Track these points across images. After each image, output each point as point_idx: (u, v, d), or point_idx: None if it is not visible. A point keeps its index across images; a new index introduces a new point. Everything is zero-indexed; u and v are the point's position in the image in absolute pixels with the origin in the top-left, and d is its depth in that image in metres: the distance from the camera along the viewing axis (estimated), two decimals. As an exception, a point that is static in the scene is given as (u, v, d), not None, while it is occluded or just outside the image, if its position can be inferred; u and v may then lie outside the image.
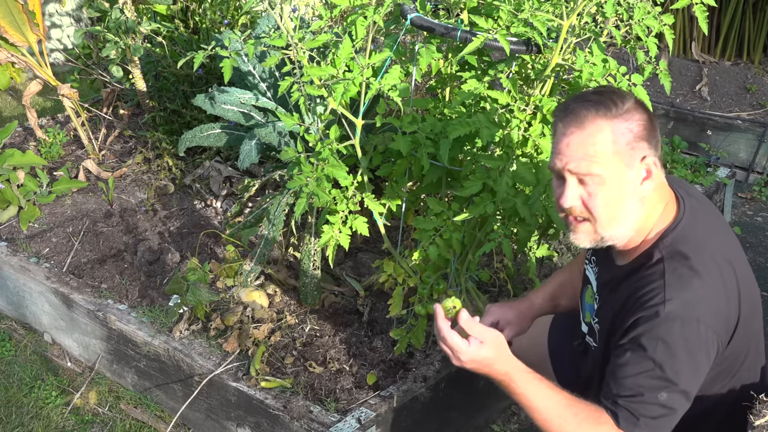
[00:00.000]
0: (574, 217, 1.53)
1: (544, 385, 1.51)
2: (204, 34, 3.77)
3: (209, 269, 2.71)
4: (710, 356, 1.47)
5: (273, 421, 2.23)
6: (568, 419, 1.47)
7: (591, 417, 1.48)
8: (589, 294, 1.74)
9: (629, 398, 1.46)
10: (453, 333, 1.46)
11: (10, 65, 3.65)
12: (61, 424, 2.61)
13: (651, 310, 1.44)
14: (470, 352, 1.47)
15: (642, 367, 1.44)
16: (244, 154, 2.90)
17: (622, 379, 1.47)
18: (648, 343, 1.44)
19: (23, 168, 3.40)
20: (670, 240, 1.52)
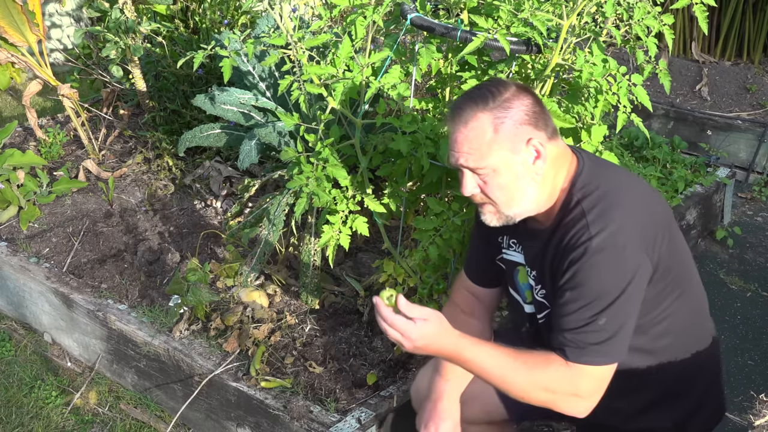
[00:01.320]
0: (479, 203, 1.64)
1: (491, 347, 1.55)
2: (204, 34, 3.77)
3: (209, 269, 2.71)
4: (644, 276, 1.53)
5: (273, 421, 2.23)
6: (520, 370, 1.52)
7: (541, 361, 1.53)
8: (522, 275, 1.76)
9: (572, 331, 1.52)
10: (398, 317, 1.48)
11: (10, 65, 3.65)
12: (61, 424, 2.61)
13: (580, 249, 1.51)
14: (418, 330, 1.48)
15: (581, 301, 1.51)
16: (244, 154, 2.90)
17: (565, 317, 1.53)
18: (582, 277, 1.50)
19: (23, 168, 3.40)
20: (581, 183, 1.60)
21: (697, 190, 3.66)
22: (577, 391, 1.53)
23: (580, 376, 1.52)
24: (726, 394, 1.89)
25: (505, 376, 1.52)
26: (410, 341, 1.49)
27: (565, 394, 1.53)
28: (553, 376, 1.52)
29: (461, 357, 1.53)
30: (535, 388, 1.53)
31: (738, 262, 3.58)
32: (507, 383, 1.53)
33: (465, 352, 1.52)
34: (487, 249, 1.85)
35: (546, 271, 1.64)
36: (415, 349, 1.51)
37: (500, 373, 1.53)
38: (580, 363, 1.52)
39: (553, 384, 1.52)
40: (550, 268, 1.61)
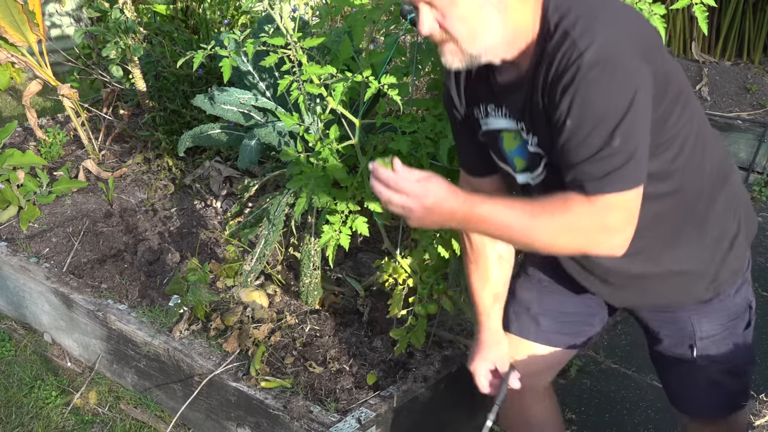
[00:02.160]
0: (440, 41, 1.46)
1: (505, 200, 1.43)
2: (204, 34, 3.77)
3: (209, 269, 2.71)
4: (647, 84, 1.37)
5: (273, 421, 2.23)
6: (541, 217, 1.38)
7: (560, 203, 1.39)
8: (507, 140, 1.60)
9: (586, 162, 1.36)
10: (402, 177, 1.33)
11: (10, 65, 3.65)
12: (61, 424, 2.61)
13: (572, 69, 1.34)
14: (426, 188, 1.34)
15: (586, 126, 1.35)
16: (244, 154, 2.90)
17: (573, 151, 1.38)
18: (581, 100, 1.34)
19: (23, 168, 3.40)
20: (553, 6, 1.42)
21: (697, 190, 3.66)
22: (606, 224, 1.37)
23: (606, 208, 1.36)
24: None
25: (526, 227, 1.38)
26: (419, 201, 1.34)
27: (595, 232, 1.38)
28: (577, 214, 1.37)
29: (475, 215, 1.38)
30: (561, 232, 1.38)
31: (738, 262, 3.58)
32: (530, 235, 1.39)
33: (479, 209, 1.38)
34: (468, 132, 1.69)
35: (537, 115, 1.46)
36: (424, 211, 1.36)
37: (521, 225, 1.38)
38: (602, 194, 1.35)
39: (579, 223, 1.37)
40: (543, 108, 1.43)
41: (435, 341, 2.50)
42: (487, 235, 1.44)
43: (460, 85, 1.66)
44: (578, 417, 2.60)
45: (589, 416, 2.61)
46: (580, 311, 1.85)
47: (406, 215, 1.38)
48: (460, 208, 1.37)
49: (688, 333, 1.72)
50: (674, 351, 1.76)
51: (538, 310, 1.85)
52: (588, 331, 1.88)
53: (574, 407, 2.64)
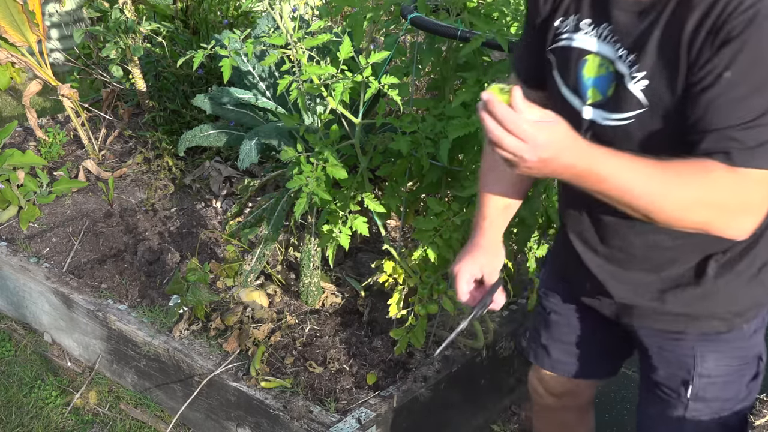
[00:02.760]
0: None
1: (631, 157, 1.19)
2: (204, 34, 3.77)
3: (209, 269, 2.72)
4: None
5: (273, 421, 2.23)
6: (672, 184, 1.17)
7: (698, 170, 1.17)
8: (592, 66, 1.36)
9: (740, 127, 1.16)
10: (521, 117, 1.11)
11: (10, 65, 3.65)
12: (61, 424, 2.61)
13: (745, 16, 1.14)
14: (545, 135, 1.12)
15: (748, 86, 1.15)
16: (244, 154, 2.90)
17: (723, 110, 1.17)
18: (750, 56, 1.14)
19: (23, 168, 3.40)
20: None
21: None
22: (747, 202, 1.19)
23: (751, 183, 1.17)
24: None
25: (654, 194, 1.17)
26: (536, 151, 1.12)
27: (732, 210, 1.19)
28: (717, 186, 1.17)
29: (594, 173, 1.17)
30: (694, 205, 1.18)
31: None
32: (656, 203, 1.18)
33: (601, 166, 1.16)
34: (536, 39, 1.47)
35: (664, 53, 1.24)
36: (538, 162, 1.14)
37: (648, 191, 1.17)
38: (750, 167, 1.16)
39: (718, 197, 1.17)
40: (683, 49, 1.20)
41: (435, 341, 2.50)
42: (601, 195, 1.20)
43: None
44: (578, 417, 2.60)
45: (589, 416, 2.61)
46: (590, 340, 1.75)
47: (514, 163, 1.16)
48: (580, 163, 1.16)
49: (687, 365, 1.51)
50: (666, 385, 1.56)
51: (546, 341, 1.79)
52: (601, 359, 1.79)
53: (574, 407, 2.64)
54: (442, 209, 2.22)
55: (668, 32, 1.22)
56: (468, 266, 1.57)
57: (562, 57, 1.42)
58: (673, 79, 1.23)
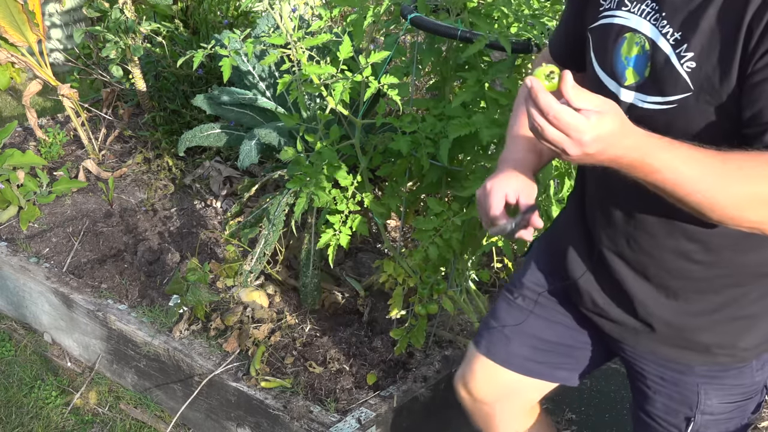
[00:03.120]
0: None
1: (687, 147, 1.08)
2: (204, 34, 3.77)
3: (209, 269, 2.72)
4: None
5: (273, 421, 2.23)
6: (733, 178, 1.06)
7: (760, 162, 1.07)
8: (631, 44, 1.26)
9: None
10: (566, 108, 1.03)
11: (10, 65, 3.65)
12: (61, 424, 2.61)
13: None
14: (594, 127, 1.02)
15: None
16: (244, 154, 2.90)
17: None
18: None
19: (23, 168, 3.40)
20: None
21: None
22: None
23: None
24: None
25: (712, 189, 1.06)
26: (579, 144, 1.05)
27: None
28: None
29: (648, 164, 1.07)
30: (755, 202, 1.07)
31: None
32: (715, 199, 1.07)
33: (655, 157, 1.06)
34: (582, 13, 1.38)
35: (717, 31, 1.13)
36: (583, 156, 1.07)
37: (706, 186, 1.06)
38: None
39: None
40: (746, 33, 1.09)
41: (435, 341, 2.50)
42: (651, 186, 1.10)
43: None
44: (578, 417, 2.60)
45: (589, 416, 2.61)
46: (564, 343, 1.60)
47: (556, 153, 1.09)
48: (631, 154, 1.07)
49: (690, 401, 1.41)
50: (665, 419, 1.46)
51: (512, 331, 1.62)
52: (569, 366, 1.63)
53: (574, 407, 2.64)
54: (442, 209, 2.22)
55: (727, 12, 1.11)
56: (502, 183, 1.38)
57: (600, 35, 1.32)
58: (727, 65, 1.12)
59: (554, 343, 1.61)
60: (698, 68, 1.15)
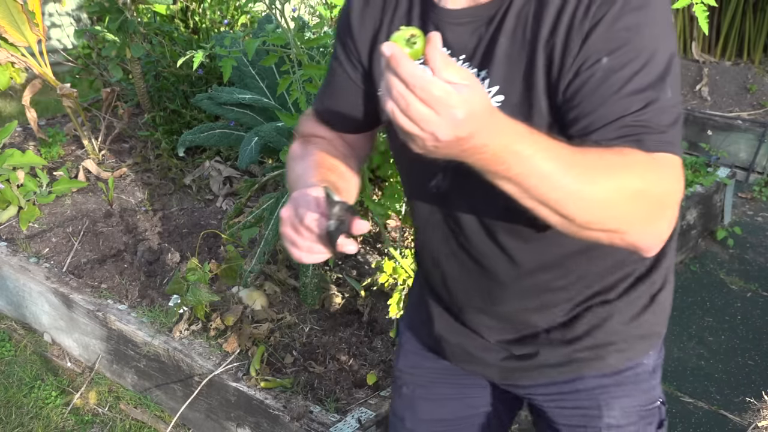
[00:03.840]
0: None
1: (550, 139, 0.94)
2: (204, 33, 3.77)
3: (209, 269, 2.71)
4: None
5: (273, 421, 2.23)
6: (597, 170, 0.94)
7: (616, 153, 0.97)
8: None
9: (639, 112, 0.99)
10: (436, 79, 0.83)
11: (10, 65, 3.65)
12: (61, 424, 2.61)
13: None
14: (466, 101, 0.83)
15: (633, 65, 0.99)
16: (244, 154, 2.90)
17: (616, 97, 0.99)
18: (627, 32, 1.00)
19: (23, 168, 3.40)
20: None
21: (698, 190, 3.66)
22: (669, 192, 0.99)
23: (669, 170, 0.99)
24: (726, 394, 1.70)
25: (579, 182, 0.92)
26: (452, 124, 0.84)
27: (656, 202, 0.98)
28: (640, 170, 0.96)
29: (512, 154, 0.89)
30: (622, 197, 0.95)
31: (738, 262, 3.58)
32: (582, 196, 0.93)
33: (519, 146, 0.89)
34: (356, 78, 1.25)
35: (515, 59, 1.07)
36: (452, 141, 0.86)
37: (571, 180, 0.92)
38: (664, 152, 0.99)
39: (642, 183, 0.96)
40: (547, 49, 1.04)
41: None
42: (508, 185, 0.93)
43: (369, 7, 1.22)
44: None
45: None
46: (463, 415, 1.48)
47: (419, 139, 0.87)
48: (497, 141, 0.88)
49: (593, 416, 1.32)
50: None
51: (413, 423, 1.49)
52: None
53: None
54: (442, 209, 2.22)
55: (518, 36, 1.07)
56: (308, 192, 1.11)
57: None
58: (534, 87, 1.05)
59: (453, 420, 1.48)
60: (508, 101, 1.08)
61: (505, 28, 1.08)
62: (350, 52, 1.26)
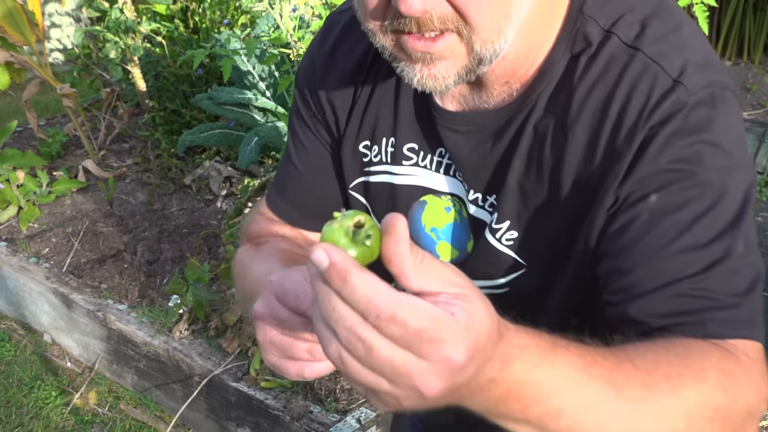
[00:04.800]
0: (426, 37, 0.71)
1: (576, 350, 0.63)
2: (204, 33, 3.77)
3: (209, 269, 2.71)
4: None
5: (273, 421, 2.23)
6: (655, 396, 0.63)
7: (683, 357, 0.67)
8: (434, 211, 0.89)
9: (701, 277, 0.71)
10: (413, 299, 0.52)
11: (10, 65, 3.65)
12: (60, 424, 2.61)
13: (660, 111, 0.72)
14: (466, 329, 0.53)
15: (694, 206, 0.71)
16: (244, 154, 2.90)
17: (666, 252, 0.71)
18: (685, 155, 0.72)
19: (23, 168, 3.40)
20: (590, 6, 0.78)
21: (698, 190, 3.66)
22: (751, 406, 0.69)
23: (748, 369, 0.69)
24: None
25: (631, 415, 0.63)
26: (443, 365, 0.52)
27: (736, 423, 0.68)
28: (714, 384, 0.66)
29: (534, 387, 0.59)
30: (692, 427, 0.65)
31: (738, 262, 3.58)
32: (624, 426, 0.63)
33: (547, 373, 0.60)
34: (324, 167, 0.98)
35: (537, 191, 0.81)
36: (446, 390, 0.54)
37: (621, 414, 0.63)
38: (737, 338, 0.71)
39: (720, 401, 0.66)
40: (573, 176, 0.78)
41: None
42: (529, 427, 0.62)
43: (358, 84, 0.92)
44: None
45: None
46: None
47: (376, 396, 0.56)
48: (507, 375, 0.58)
49: None
50: None
51: None
52: None
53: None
54: (442, 209, 2.22)
55: (535, 157, 0.81)
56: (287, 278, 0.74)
57: (380, 200, 0.93)
58: (556, 227, 0.81)
59: None
60: (523, 238, 0.84)
61: (520, 147, 0.81)
62: (315, 131, 0.98)
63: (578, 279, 0.81)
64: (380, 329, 0.51)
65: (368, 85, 0.91)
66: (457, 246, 0.90)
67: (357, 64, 0.91)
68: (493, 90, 0.82)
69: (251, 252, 0.98)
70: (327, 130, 0.97)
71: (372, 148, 0.93)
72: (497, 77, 0.81)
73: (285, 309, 0.67)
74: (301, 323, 0.66)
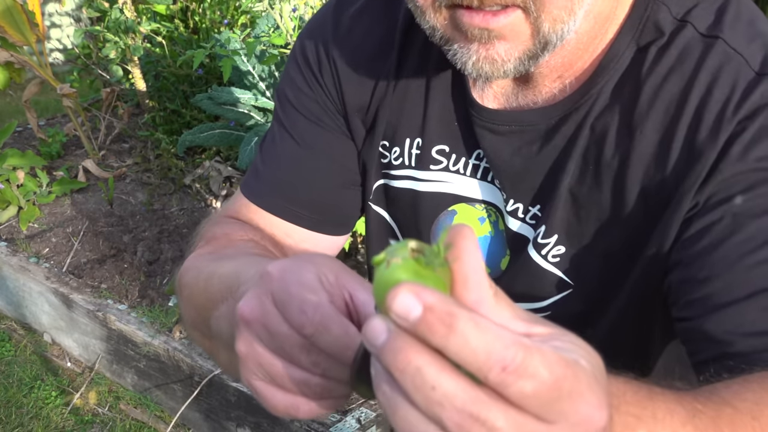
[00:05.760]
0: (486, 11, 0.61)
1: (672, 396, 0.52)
2: (204, 33, 3.77)
3: (209, 269, 2.71)
4: None
5: (273, 421, 2.23)
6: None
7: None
8: (467, 220, 0.79)
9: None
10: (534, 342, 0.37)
11: (10, 65, 3.65)
12: (60, 424, 2.61)
13: (744, 110, 0.64)
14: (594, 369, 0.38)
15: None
16: (244, 154, 2.90)
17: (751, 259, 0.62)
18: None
19: (23, 168, 3.40)
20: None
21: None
22: None
23: None
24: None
25: None
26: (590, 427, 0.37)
27: None
28: None
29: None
30: None
31: (738, 262, 3.58)
32: None
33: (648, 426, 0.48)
34: (344, 157, 0.84)
35: (596, 201, 0.71)
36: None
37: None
38: None
39: None
40: (642, 182, 0.69)
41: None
42: None
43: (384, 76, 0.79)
44: (578, 417, 2.60)
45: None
46: None
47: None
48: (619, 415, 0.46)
49: None
50: None
51: None
52: None
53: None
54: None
55: (592, 160, 0.71)
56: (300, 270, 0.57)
57: (401, 208, 0.84)
58: (618, 240, 0.71)
59: None
60: (572, 254, 0.74)
61: (576, 150, 0.71)
62: (322, 122, 0.84)
63: (632, 301, 0.71)
64: (505, 390, 0.36)
65: (392, 76, 0.78)
66: (489, 263, 0.79)
67: (379, 48, 0.78)
68: (542, 86, 0.72)
69: (214, 251, 0.79)
70: (332, 116, 0.82)
71: (392, 149, 0.81)
72: (551, 70, 0.70)
73: (284, 321, 0.51)
74: (302, 346, 0.51)
